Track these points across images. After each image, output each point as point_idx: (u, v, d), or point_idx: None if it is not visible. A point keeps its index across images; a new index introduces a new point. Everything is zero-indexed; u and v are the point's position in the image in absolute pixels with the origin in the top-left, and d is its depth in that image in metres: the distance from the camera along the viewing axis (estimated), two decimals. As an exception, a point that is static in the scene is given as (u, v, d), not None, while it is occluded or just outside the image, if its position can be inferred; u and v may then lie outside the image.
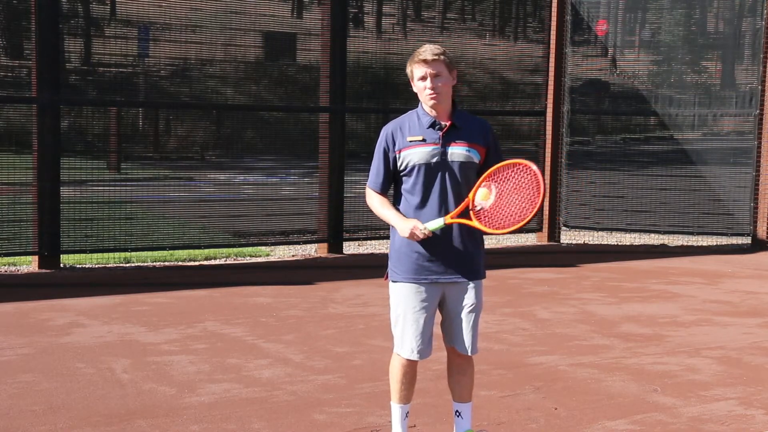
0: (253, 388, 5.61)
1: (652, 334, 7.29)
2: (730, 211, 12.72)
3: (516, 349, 6.74)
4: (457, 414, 4.42)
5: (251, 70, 12.83)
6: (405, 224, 4.12)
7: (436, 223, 4.12)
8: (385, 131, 4.26)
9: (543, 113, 12.84)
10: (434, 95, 4.14)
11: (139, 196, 11.54)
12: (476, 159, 4.21)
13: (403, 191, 4.24)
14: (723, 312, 8.27)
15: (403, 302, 4.26)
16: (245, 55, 12.28)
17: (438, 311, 4.33)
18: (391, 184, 4.30)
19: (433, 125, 4.20)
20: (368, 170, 4.34)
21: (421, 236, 4.09)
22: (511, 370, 6.12)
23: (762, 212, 12.42)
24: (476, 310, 4.28)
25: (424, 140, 4.17)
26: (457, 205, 4.17)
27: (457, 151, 4.17)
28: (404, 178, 4.22)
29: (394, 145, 4.22)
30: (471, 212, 4.14)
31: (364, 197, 4.41)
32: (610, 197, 13.09)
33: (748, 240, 12.53)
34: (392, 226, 4.26)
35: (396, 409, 4.40)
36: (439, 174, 4.17)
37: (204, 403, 5.29)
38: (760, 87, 12.42)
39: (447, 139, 4.18)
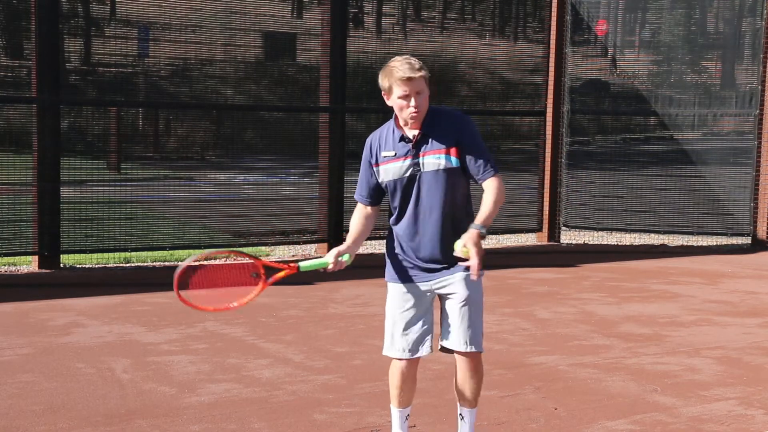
0: (253, 388, 5.61)
1: (652, 334, 7.29)
2: (730, 211, 12.72)
3: (516, 349, 6.74)
4: (461, 416, 4.34)
5: (251, 70, 12.84)
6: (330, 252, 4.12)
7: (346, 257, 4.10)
8: (367, 143, 4.23)
9: (543, 113, 12.83)
10: (417, 114, 4.04)
11: (139, 196, 11.54)
12: (453, 163, 4.07)
13: (391, 211, 4.22)
14: (723, 312, 8.27)
15: (390, 302, 4.26)
16: (245, 55, 12.28)
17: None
18: (378, 195, 4.24)
19: (402, 138, 4.11)
20: None
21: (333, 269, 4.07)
22: (511, 370, 6.11)
23: (762, 212, 12.42)
24: (470, 302, 4.13)
25: (395, 155, 4.11)
26: (447, 218, 4.08)
27: (429, 161, 4.07)
28: (389, 196, 4.21)
29: (373, 158, 4.19)
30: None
31: None
32: (610, 197, 13.09)
33: (748, 240, 12.52)
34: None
35: (395, 413, 4.37)
36: (415, 187, 4.10)
37: (204, 403, 5.29)
38: (760, 87, 12.42)
39: (418, 149, 4.08)
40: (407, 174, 4.10)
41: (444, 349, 4.24)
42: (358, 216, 4.30)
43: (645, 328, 7.52)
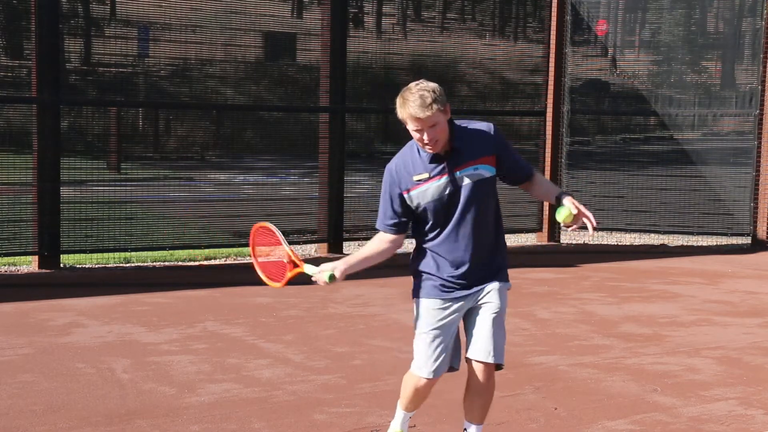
0: (253, 388, 5.61)
1: (652, 334, 7.29)
2: (730, 211, 12.72)
3: (516, 349, 6.73)
4: (465, 431, 4.28)
5: (251, 70, 12.83)
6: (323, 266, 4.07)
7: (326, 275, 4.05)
8: (389, 170, 4.07)
9: (543, 113, 12.83)
10: (432, 147, 3.92)
11: (139, 196, 11.53)
12: (488, 173, 4.00)
13: (426, 231, 4.07)
14: (723, 312, 8.27)
15: (421, 319, 4.13)
16: (245, 55, 12.28)
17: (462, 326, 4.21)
18: (403, 224, 4.10)
19: (433, 159, 3.98)
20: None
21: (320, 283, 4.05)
22: (511, 370, 6.11)
23: (762, 212, 12.42)
24: (500, 314, 4.08)
25: (429, 176, 3.97)
26: (485, 229, 4.03)
27: (466, 175, 3.97)
28: (422, 218, 4.05)
29: (401, 184, 4.03)
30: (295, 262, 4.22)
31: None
32: (610, 197, 13.08)
33: (748, 240, 12.53)
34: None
35: (400, 414, 4.39)
36: (456, 204, 3.98)
37: (204, 403, 5.29)
38: (760, 87, 12.42)
39: (452, 166, 3.96)
40: (447, 192, 3.97)
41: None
42: (377, 243, 4.13)
43: (645, 328, 7.52)
